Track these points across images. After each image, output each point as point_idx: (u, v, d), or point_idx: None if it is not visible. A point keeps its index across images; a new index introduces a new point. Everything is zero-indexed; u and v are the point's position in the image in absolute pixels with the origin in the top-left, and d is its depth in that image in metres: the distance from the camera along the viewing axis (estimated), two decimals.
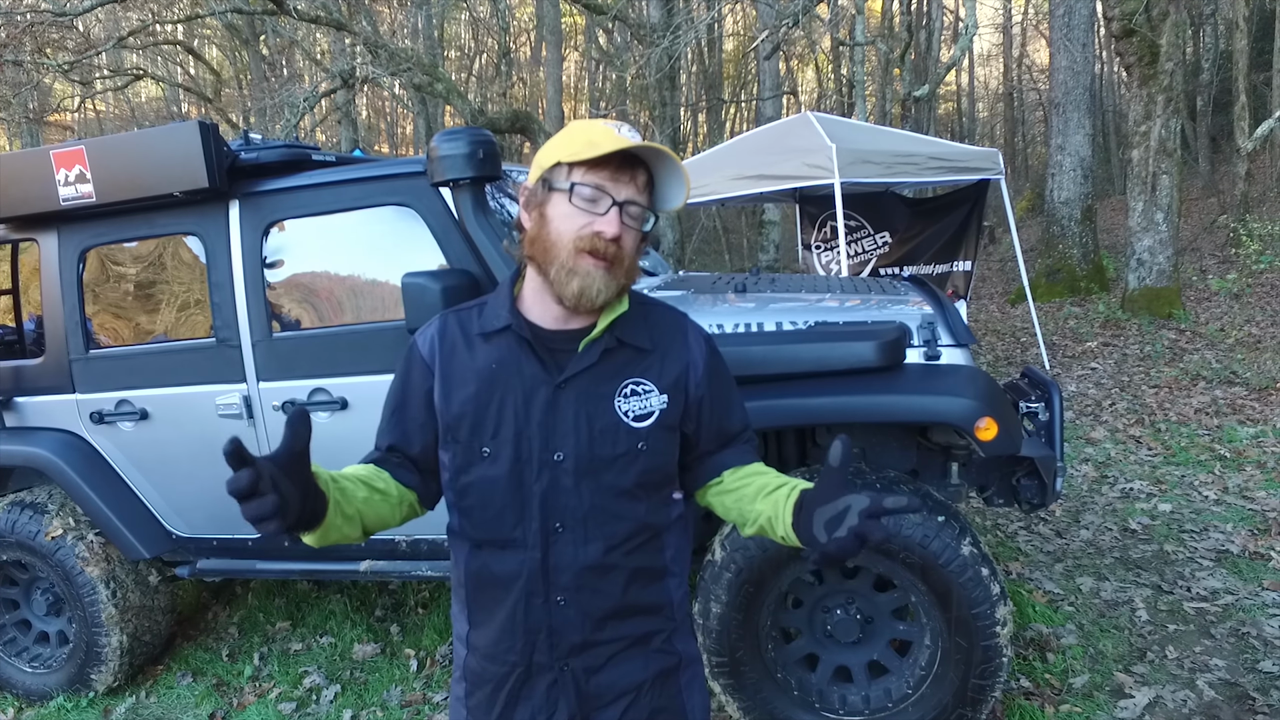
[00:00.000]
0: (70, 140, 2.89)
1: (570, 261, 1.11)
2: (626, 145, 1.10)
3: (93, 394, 2.84)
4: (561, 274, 1.12)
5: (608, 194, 1.12)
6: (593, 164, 1.12)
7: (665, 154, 1.13)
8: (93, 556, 2.91)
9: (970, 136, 24.32)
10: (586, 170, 1.12)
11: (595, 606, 1.19)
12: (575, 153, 1.12)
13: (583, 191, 1.12)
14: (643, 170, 1.16)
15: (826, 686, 2.35)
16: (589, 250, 1.11)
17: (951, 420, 2.14)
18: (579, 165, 1.12)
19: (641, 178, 1.15)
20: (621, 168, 1.13)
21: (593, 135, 1.12)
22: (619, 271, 1.14)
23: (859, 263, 7.95)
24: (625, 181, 1.13)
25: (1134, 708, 2.49)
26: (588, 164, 1.12)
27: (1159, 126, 7.66)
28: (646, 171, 1.16)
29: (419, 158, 2.50)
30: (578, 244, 1.11)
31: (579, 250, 1.11)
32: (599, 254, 1.11)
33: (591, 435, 1.16)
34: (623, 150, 1.10)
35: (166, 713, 2.98)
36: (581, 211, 1.12)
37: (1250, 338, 7.13)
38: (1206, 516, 3.85)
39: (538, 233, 1.15)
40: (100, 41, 11.64)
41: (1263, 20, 13.72)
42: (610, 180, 1.12)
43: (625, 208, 1.13)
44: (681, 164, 1.15)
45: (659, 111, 12.57)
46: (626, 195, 1.13)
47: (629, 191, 1.13)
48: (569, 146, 1.13)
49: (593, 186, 1.11)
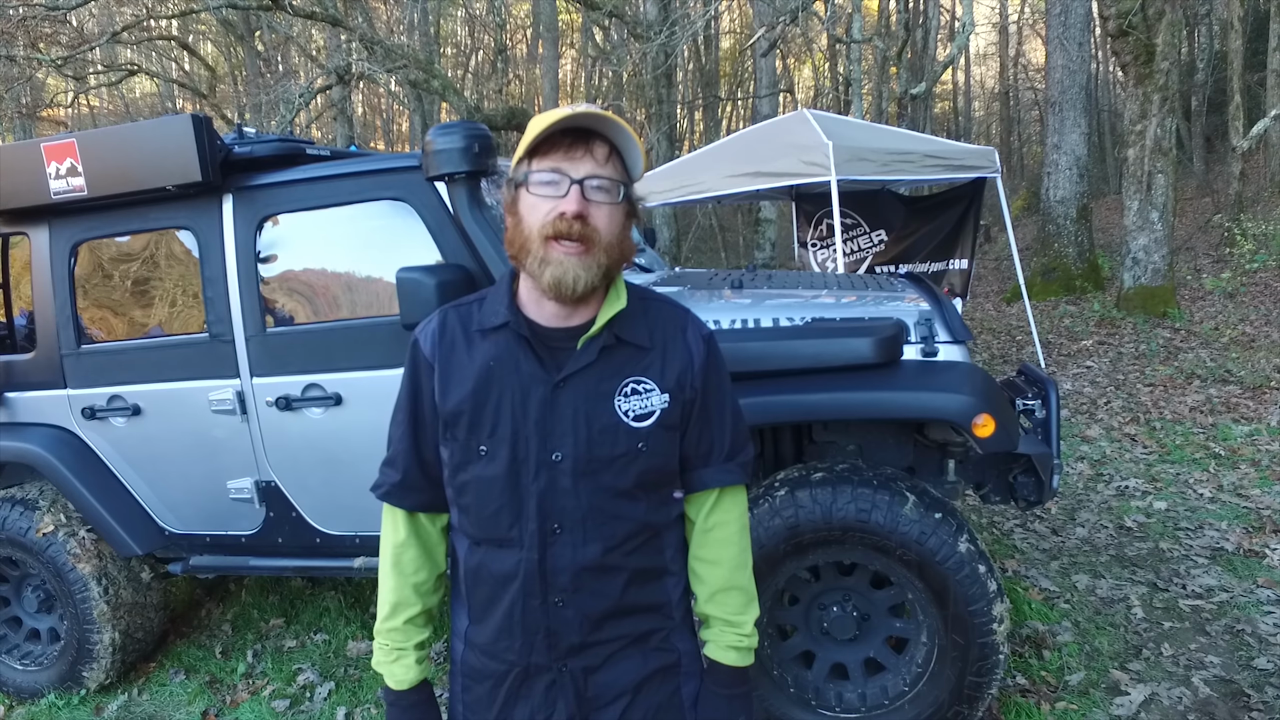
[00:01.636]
0: (61, 133, 2.87)
1: (541, 251, 1.10)
2: (562, 116, 1.07)
3: (84, 389, 2.82)
4: (535, 265, 1.11)
5: (565, 174, 1.10)
6: (544, 148, 1.10)
7: (610, 120, 1.10)
8: (84, 553, 2.89)
9: (966, 135, 24.35)
10: (540, 156, 1.11)
11: (593, 607, 1.17)
12: (526, 143, 1.11)
13: (538, 177, 1.10)
14: (602, 143, 1.12)
15: (823, 684, 2.35)
16: (554, 235, 1.09)
17: (948, 417, 2.13)
18: (534, 154, 1.11)
19: (601, 150, 1.12)
20: (575, 145, 1.10)
21: (541, 121, 1.10)
22: (596, 252, 1.11)
23: (855, 260, 7.96)
24: (580, 157, 1.10)
25: (1130, 705, 2.49)
26: (539, 150, 1.10)
27: (1154, 126, 7.67)
28: (608, 144, 1.13)
29: (414, 152, 2.48)
30: (543, 231, 1.09)
31: (545, 238, 1.09)
32: (567, 236, 1.08)
33: (590, 435, 1.14)
34: (568, 125, 1.09)
35: (159, 710, 2.96)
36: (544, 199, 1.10)
37: (1244, 336, 7.15)
38: (1201, 514, 3.86)
39: (513, 232, 1.14)
40: (94, 36, 11.57)
41: (1257, 20, 13.75)
42: (564, 160, 1.10)
43: (585, 184, 1.10)
44: (628, 126, 1.12)
45: (655, 109, 12.57)
46: (585, 171, 1.10)
47: (587, 166, 1.10)
48: (524, 141, 1.12)
49: (548, 170, 1.10)
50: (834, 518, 2.16)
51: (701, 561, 1.27)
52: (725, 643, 1.26)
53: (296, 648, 3.30)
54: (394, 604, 1.25)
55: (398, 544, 1.26)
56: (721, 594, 1.26)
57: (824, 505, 2.16)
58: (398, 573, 1.25)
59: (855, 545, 2.19)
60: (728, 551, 1.26)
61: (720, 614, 1.26)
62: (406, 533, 1.26)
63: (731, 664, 1.26)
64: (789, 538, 2.19)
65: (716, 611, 1.27)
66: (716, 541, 1.26)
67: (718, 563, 1.25)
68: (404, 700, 1.25)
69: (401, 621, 1.25)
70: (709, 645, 1.28)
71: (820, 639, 2.36)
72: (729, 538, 1.26)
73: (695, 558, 1.27)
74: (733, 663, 1.26)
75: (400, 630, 1.25)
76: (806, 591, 2.36)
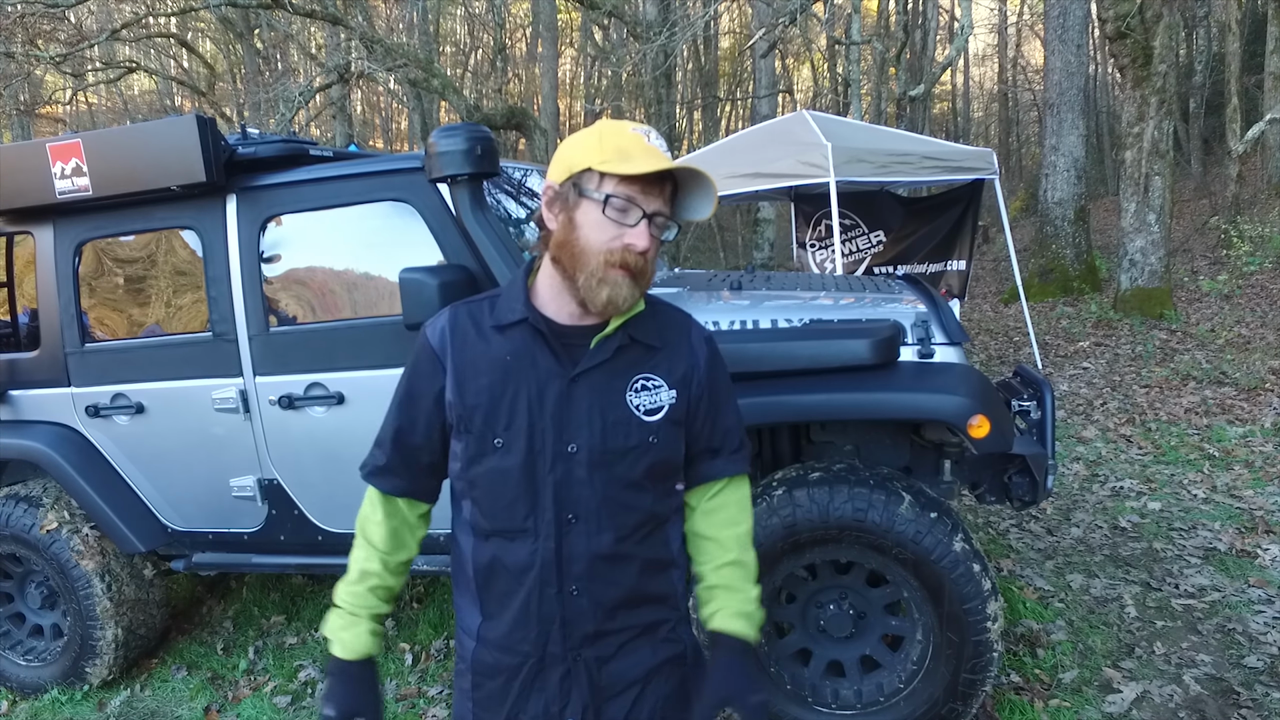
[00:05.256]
0: (65, 133, 2.88)
1: (600, 272, 1.13)
2: (664, 166, 1.11)
3: (88, 388, 2.84)
4: (591, 282, 1.14)
5: (639, 206, 1.13)
6: (627, 177, 1.12)
7: (698, 172, 1.16)
8: (88, 550, 2.91)
9: (965, 136, 24.39)
10: (620, 181, 1.12)
11: (607, 596, 1.21)
12: (607, 162, 1.11)
13: (616, 204, 1.12)
14: (670, 180, 1.17)
15: (819, 681, 2.38)
16: (621, 265, 1.13)
17: (944, 417, 2.15)
18: (612, 176, 1.12)
19: (669, 188, 1.17)
20: (652, 180, 1.14)
21: (623, 143, 1.13)
22: (644, 281, 1.17)
23: (853, 261, 7.98)
24: (655, 194, 1.14)
25: (1122, 702, 2.52)
26: (622, 176, 1.12)
27: (1152, 128, 7.70)
28: (672, 180, 1.18)
29: (417, 153, 2.50)
30: (608, 258, 1.12)
31: (609, 264, 1.13)
32: (629, 267, 1.13)
33: (605, 428, 1.18)
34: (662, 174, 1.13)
35: (161, 706, 2.98)
36: (612, 222, 1.13)
37: (1240, 338, 7.18)
38: (1195, 515, 3.89)
39: (566, 238, 1.15)
40: (93, 34, 11.56)
41: (1255, 23, 13.79)
42: (642, 193, 1.13)
43: (654, 220, 1.15)
44: (712, 179, 1.17)
45: (654, 109, 12.59)
46: (655, 207, 1.15)
47: (658, 204, 1.15)
48: (601, 153, 1.12)
49: (624, 198, 1.12)
50: (831, 517, 2.18)
51: (706, 539, 1.31)
52: (734, 609, 1.27)
53: (298, 644, 3.32)
54: (362, 571, 1.28)
55: (374, 520, 1.30)
56: (728, 567, 1.30)
57: (821, 504, 2.19)
58: (370, 545, 1.29)
59: (852, 544, 2.22)
60: (733, 530, 1.31)
61: (726, 582, 1.29)
62: (384, 514, 1.30)
63: (741, 633, 1.27)
64: (786, 536, 2.22)
65: (722, 580, 1.29)
66: (721, 521, 1.31)
67: (722, 540, 1.30)
68: (350, 670, 1.26)
69: (365, 588, 1.28)
70: (717, 616, 1.28)
71: (817, 636, 2.39)
72: (734, 518, 1.32)
73: (700, 535, 1.31)
74: (742, 631, 1.27)
75: (363, 595, 1.28)
76: (803, 590, 2.39)
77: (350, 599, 1.28)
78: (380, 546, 1.29)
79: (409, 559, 1.34)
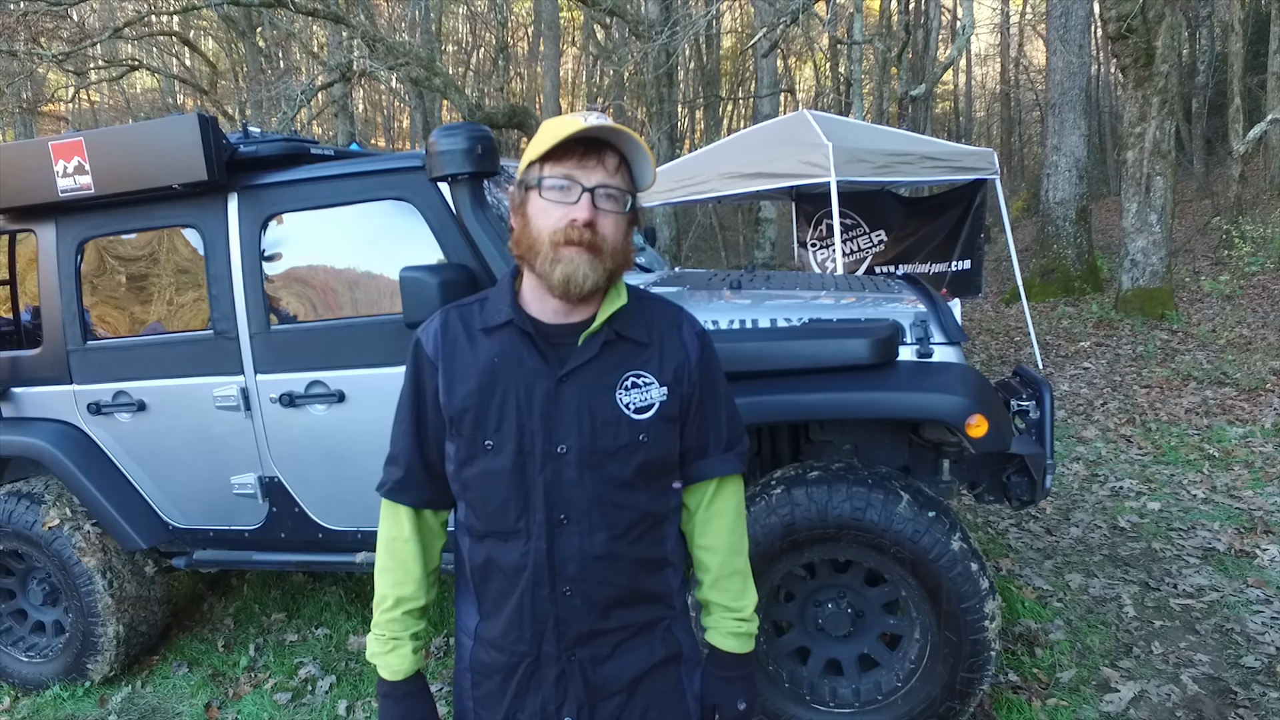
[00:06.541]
0: (67, 131, 2.89)
1: (552, 252, 1.13)
2: (573, 131, 1.10)
3: (90, 385, 2.85)
4: (546, 265, 1.14)
5: (577, 182, 1.13)
6: (557, 155, 1.13)
7: (625, 133, 1.14)
8: (89, 547, 2.92)
9: (966, 136, 24.36)
10: (553, 163, 1.14)
11: (600, 596, 1.21)
12: (540, 148, 1.13)
13: (551, 183, 1.13)
14: (613, 153, 1.16)
15: (817, 679, 2.38)
16: (565, 242, 1.13)
17: (942, 417, 2.16)
18: (546, 159, 1.14)
19: (612, 160, 1.16)
20: (588, 154, 1.14)
21: (557, 129, 1.13)
22: (603, 257, 1.15)
23: (854, 261, 7.99)
24: (593, 167, 1.14)
25: (1119, 701, 2.53)
26: (553, 156, 1.13)
27: (1154, 128, 7.70)
28: (618, 154, 1.17)
29: (418, 152, 2.51)
30: (553, 237, 1.13)
31: (556, 243, 1.13)
32: (577, 243, 1.13)
33: (594, 427, 1.18)
34: (582, 135, 1.12)
35: (162, 702, 2.99)
36: (555, 204, 1.13)
37: (1241, 339, 7.18)
38: (1194, 515, 3.89)
39: (521, 233, 1.17)
40: (95, 32, 11.57)
41: (1258, 23, 13.77)
42: (577, 168, 1.13)
43: (596, 192, 1.14)
44: (641, 140, 1.16)
45: (656, 108, 12.59)
46: (596, 180, 1.14)
47: (599, 176, 1.14)
48: (536, 145, 1.15)
49: (560, 177, 1.13)
50: (829, 516, 2.19)
51: (702, 549, 1.32)
52: (725, 629, 1.32)
53: (298, 642, 3.33)
54: (395, 597, 1.28)
55: (400, 539, 1.29)
56: (723, 579, 1.31)
57: (820, 503, 2.20)
58: (399, 566, 1.28)
59: (850, 543, 2.23)
60: (726, 538, 1.32)
61: (721, 600, 1.32)
62: (411, 529, 1.28)
63: (731, 650, 1.31)
64: (785, 535, 2.23)
65: (718, 598, 1.32)
66: (716, 529, 1.32)
67: (716, 549, 1.31)
68: (398, 690, 1.28)
69: (400, 613, 1.28)
70: (710, 632, 1.33)
71: (815, 635, 2.40)
72: (727, 525, 1.32)
73: (697, 545, 1.33)
74: (732, 649, 1.31)
75: (399, 620, 1.28)
76: (802, 588, 2.39)
77: (389, 627, 1.28)
78: (413, 569, 1.28)
79: (437, 568, 1.34)
